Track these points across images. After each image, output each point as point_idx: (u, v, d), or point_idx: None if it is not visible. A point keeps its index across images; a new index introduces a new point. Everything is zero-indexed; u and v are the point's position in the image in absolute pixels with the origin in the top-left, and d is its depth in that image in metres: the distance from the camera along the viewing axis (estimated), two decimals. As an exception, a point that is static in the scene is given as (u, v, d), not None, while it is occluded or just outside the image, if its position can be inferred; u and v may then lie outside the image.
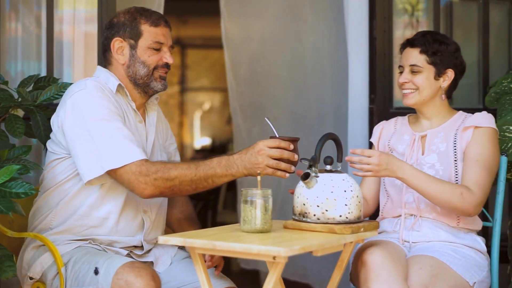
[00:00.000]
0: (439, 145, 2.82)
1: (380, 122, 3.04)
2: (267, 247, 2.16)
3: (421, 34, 2.88)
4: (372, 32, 3.69)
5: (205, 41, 13.21)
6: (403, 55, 2.89)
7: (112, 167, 2.54)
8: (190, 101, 13.49)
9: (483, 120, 2.79)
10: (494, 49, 4.00)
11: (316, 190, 2.44)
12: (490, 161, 2.74)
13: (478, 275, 2.69)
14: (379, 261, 2.53)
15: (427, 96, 2.84)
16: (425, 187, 2.65)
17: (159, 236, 2.35)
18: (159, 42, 2.74)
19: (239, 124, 4.93)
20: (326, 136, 2.52)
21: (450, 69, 2.86)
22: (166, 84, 2.79)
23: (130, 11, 2.78)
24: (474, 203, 2.67)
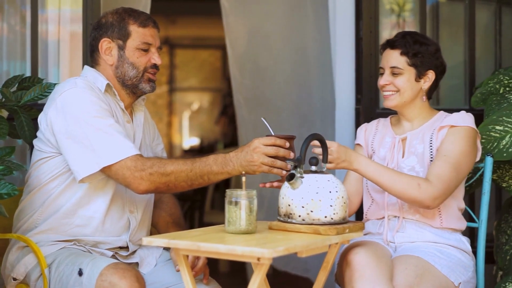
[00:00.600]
0: (417, 147, 2.82)
1: (363, 124, 3.04)
2: (251, 248, 2.15)
3: (401, 35, 2.86)
4: (359, 32, 3.68)
5: (194, 41, 13.20)
6: (384, 57, 2.87)
7: (108, 163, 2.54)
8: (179, 101, 13.48)
9: (460, 120, 2.78)
10: (480, 50, 4.01)
11: (301, 191, 2.44)
12: (459, 158, 2.71)
13: (463, 276, 2.69)
14: (364, 261, 2.53)
15: (408, 98, 2.84)
16: (381, 178, 2.64)
17: (143, 238, 2.34)
18: (148, 43, 2.74)
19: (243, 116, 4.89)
20: (311, 136, 2.52)
21: (431, 71, 2.85)
22: (154, 86, 2.79)
23: (118, 12, 2.77)
24: (432, 195, 2.64)
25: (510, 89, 3.36)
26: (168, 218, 2.91)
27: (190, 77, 13.64)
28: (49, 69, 3.70)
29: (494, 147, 3.06)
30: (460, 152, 2.72)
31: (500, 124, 3.08)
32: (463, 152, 2.73)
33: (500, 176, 3.24)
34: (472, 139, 2.77)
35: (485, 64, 4.00)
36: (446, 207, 2.78)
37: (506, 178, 3.23)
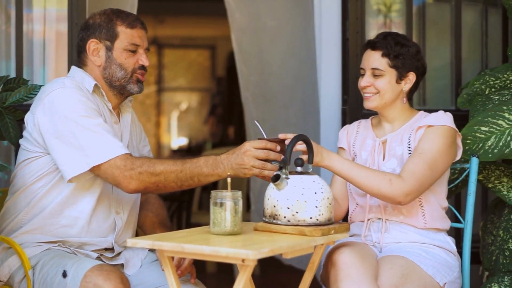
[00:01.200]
0: (396, 149, 2.81)
1: (344, 126, 3.03)
2: (236, 250, 2.15)
3: (382, 36, 2.84)
4: (345, 33, 3.68)
5: (182, 41, 13.19)
6: (365, 58, 2.86)
7: (97, 162, 2.54)
8: (167, 101, 13.46)
9: (437, 119, 2.77)
10: (467, 50, 4.02)
11: (286, 192, 2.43)
12: (434, 156, 2.69)
13: (448, 276, 2.70)
14: (349, 261, 2.53)
15: (389, 99, 2.83)
16: (353, 175, 2.64)
17: (128, 239, 2.33)
18: (135, 44, 2.73)
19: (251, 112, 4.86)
20: (297, 137, 2.51)
21: (412, 72, 2.83)
22: (142, 87, 2.78)
23: (106, 13, 2.76)
24: (404, 190, 2.63)
25: (495, 90, 3.37)
26: (155, 219, 2.90)
27: (179, 77, 13.62)
28: (34, 69, 3.68)
29: (480, 148, 3.07)
30: (436, 150, 2.70)
31: (486, 125, 3.09)
32: (439, 150, 2.71)
33: (486, 176, 3.24)
34: (450, 138, 2.75)
35: (472, 64, 4.02)
36: (429, 206, 2.78)
37: (492, 178, 3.24)
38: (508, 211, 3.25)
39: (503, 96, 3.25)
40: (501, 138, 3.06)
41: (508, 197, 3.19)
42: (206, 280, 5.45)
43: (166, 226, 2.89)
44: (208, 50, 13.50)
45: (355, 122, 3.01)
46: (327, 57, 3.79)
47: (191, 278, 2.71)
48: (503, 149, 3.04)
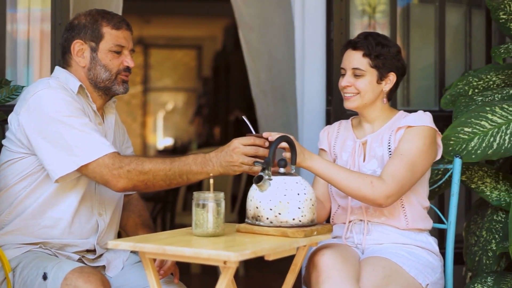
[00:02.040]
0: (377, 150, 2.81)
1: (325, 127, 3.02)
2: (218, 251, 2.14)
3: (363, 35, 2.84)
4: (329, 33, 3.68)
5: (168, 41, 13.17)
6: (345, 58, 2.85)
7: (85, 161, 2.52)
8: (153, 101, 13.43)
9: (417, 120, 2.76)
10: (451, 51, 4.02)
11: (269, 193, 2.42)
12: (414, 157, 2.69)
13: (431, 277, 2.70)
14: (330, 263, 2.52)
15: (369, 100, 2.82)
16: (334, 176, 2.63)
17: (109, 241, 2.32)
18: (121, 45, 2.72)
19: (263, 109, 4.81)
20: (280, 138, 2.50)
21: (392, 73, 2.83)
22: (127, 87, 2.77)
23: (91, 13, 2.74)
24: (385, 193, 2.62)
25: (479, 91, 3.38)
26: (137, 220, 2.89)
27: (165, 77, 13.60)
28: (18, 69, 3.65)
29: (463, 149, 3.07)
30: (416, 151, 2.70)
31: (469, 126, 3.09)
32: (419, 151, 2.71)
33: (469, 177, 3.25)
34: (429, 138, 2.74)
35: (455, 65, 4.02)
36: (411, 207, 2.78)
37: (475, 179, 3.24)
38: (491, 211, 3.26)
39: (486, 97, 3.26)
40: (484, 139, 3.07)
41: (491, 197, 3.20)
42: (190, 281, 5.45)
43: (149, 227, 2.88)
44: (194, 50, 13.48)
45: (335, 123, 3.01)
46: (311, 57, 3.78)
47: (174, 278, 2.70)
48: (486, 150, 3.05)
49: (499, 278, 3.03)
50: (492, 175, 3.25)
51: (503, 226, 3.21)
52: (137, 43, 12.49)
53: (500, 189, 3.21)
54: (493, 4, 3.54)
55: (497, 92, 3.28)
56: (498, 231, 3.22)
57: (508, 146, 3.03)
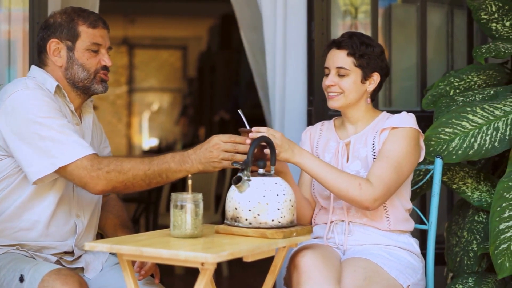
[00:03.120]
0: (360, 151, 2.80)
1: (307, 128, 3.01)
2: (195, 253, 2.12)
3: (347, 35, 2.83)
4: (311, 34, 3.67)
5: (154, 41, 13.14)
6: (329, 57, 2.84)
7: (64, 163, 2.49)
8: (138, 101, 13.40)
9: (401, 121, 2.76)
10: (433, 52, 4.03)
11: (248, 194, 2.41)
12: (399, 159, 2.69)
13: (412, 278, 2.69)
14: (311, 264, 2.51)
15: (353, 99, 2.81)
16: (323, 174, 2.62)
17: (86, 243, 2.29)
18: (97, 43, 2.69)
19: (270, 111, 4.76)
20: (259, 139, 2.49)
21: (376, 73, 2.82)
22: (107, 86, 2.74)
23: (67, 12, 2.71)
24: (373, 196, 2.62)
25: (460, 91, 3.38)
26: (116, 221, 2.86)
27: (150, 78, 13.56)
28: (0, 69, 3.62)
29: (444, 149, 3.07)
30: (401, 153, 2.70)
31: (450, 127, 3.09)
32: (404, 153, 2.70)
33: (450, 178, 3.25)
34: (414, 139, 2.74)
35: (437, 66, 4.03)
36: (393, 209, 2.78)
37: (456, 180, 3.24)
38: (472, 212, 3.26)
39: (467, 98, 3.26)
40: (465, 139, 3.06)
41: (472, 198, 3.20)
42: (173, 282, 5.43)
43: (128, 227, 2.86)
44: (180, 50, 13.46)
45: (317, 124, 2.99)
46: (293, 57, 3.76)
47: (155, 278, 2.67)
48: (467, 151, 3.05)
49: (480, 279, 3.03)
50: (473, 175, 3.25)
51: (484, 227, 3.21)
52: (122, 43, 12.46)
53: (481, 190, 3.21)
54: (475, 4, 3.54)
55: (478, 93, 3.28)
56: (479, 232, 3.22)
57: (489, 146, 3.03)
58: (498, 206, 2.90)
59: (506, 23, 3.49)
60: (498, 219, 2.89)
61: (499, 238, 2.87)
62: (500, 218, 2.89)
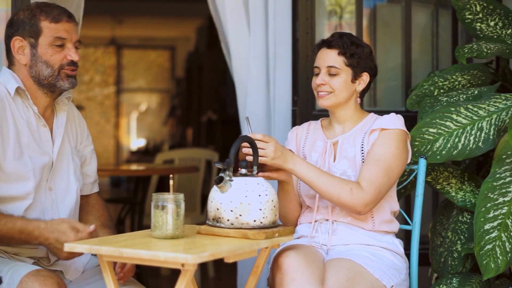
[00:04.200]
0: (348, 151, 2.80)
1: (294, 128, 3.01)
2: (175, 254, 2.10)
3: (338, 35, 2.84)
4: (295, 33, 3.65)
5: (141, 42, 13.11)
6: (319, 56, 2.84)
7: None
8: (126, 102, 13.37)
9: (390, 122, 2.77)
10: (418, 52, 4.02)
11: (230, 194, 2.39)
12: (389, 162, 2.70)
13: (395, 278, 2.68)
14: (294, 265, 2.50)
15: (343, 99, 2.81)
16: (314, 180, 2.62)
17: (65, 244, 2.27)
18: (61, 37, 2.60)
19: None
20: (241, 139, 2.48)
21: (366, 73, 2.83)
22: (74, 82, 2.65)
23: (30, 8, 2.63)
24: (364, 200, 2.63)
25: (444, 91, 3.37)
26: (96, 222, 2.81)
27: (138, 78, 13.54)
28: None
29: (428, 150, 3.06)
30: (391, 156, 2.71)
31: (434, 127, 3.08)
32: (393, 155, 2.71)
33: (435, 178, 3.24)
34: (403, 141, 2.76)
35: (422, 66, 4.02)
36: (379, 210, 2.77)
37: (440, 180, 3.24)
38: (456, 212, 3.26)
39: (451, 98, 3.25)
40: (449, 139, 3.06)
41: (456, 198, 3.19)
42: (160, 283, 5.40)
43: (109, 226, 2.80)
44: (168, 51, 13.44)
45: (304, 124, 2.99)
46: (280, 57, 3.75)
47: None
48: (451, 151, 3.04)
49: (464, 279, 3.02)
50: (458, 176, 3.24)
51: (469, 227, 3.20)
52: (110, 44, 12.43)
53: (465, 190, 3.21)
54: (459, 4, 3.54)
55: (462, 93, 3.27)
56: (463, 232, 3.21)
57: (473, 146, 3.02)
58: (482, 206, 2.89)
59: (490, 23, 3.49)
60: (483, 220, 2.88)
61: (484, 239, 2.86)
62: (485, 219, 2.88)
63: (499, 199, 2.88)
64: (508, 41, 3.46)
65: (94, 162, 2.87)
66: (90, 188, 2.85)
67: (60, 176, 2.68)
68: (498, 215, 2.87)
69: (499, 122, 3.01)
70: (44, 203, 2.62)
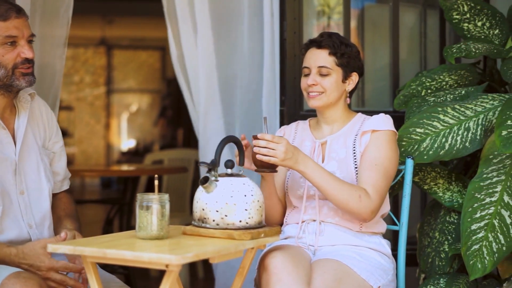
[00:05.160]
0: (338, 152, 2.79)
1: (281, 127, 3.00)
2: (159, 255, 2.09)
3: (327, 35, 2.83)
4: (283, 33, 3.64)
5: (132, 42, 13.07)
6: (309, 57, 2.83)
7: None
8: (117, 102, 13.33)
9: (381, 123, 2.77)
10: (406, 52, 4.02)
11: (215, 194, 2.38)
12: (387, 165, 2.72)
13: (382, 279, 2.68)
14: (280, 265, 2.49)
15: (334, 99, 2.81)
16: (325, 184, 2.62)
17: (48, 245, 2.25)
18: (11, 35, 2.53)
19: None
20: (227, 138, 2.47)
21: (355, 72, 2.84)
22: (32, 79, 2.58)
23: None
24: (371, 208, 2.65)
25: (431, 91, 3.37)
26: (62, 213, 2.74)
27: (129, 78, 13.50)
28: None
29: (415, 150, 3.05)
30: (387, 159, 2.72)
31: (421, 127, 3.08)
32: (389, 158, 2.73)
33: (422, 178, 3.23)
34: (395, 142, 2.78)
35: (411, 66, 4.02)
36: None
37: (428, 180, 3.23)
38: (444, 212, 3.25)
39: (439, 98, 3.25)
40: (436, 139, 3.05)
41: (444, 198, 3.19)
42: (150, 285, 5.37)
43: (73, 216, 2.74)
44: (159, 51, 13.40)
45: (292, 124, 2.98)
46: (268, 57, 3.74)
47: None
48: (438, 151, 3.04)
49: (451, 280, 3.02)
50: (445, 176, 3.24)
51: (456, 228, 3.20)
52: (100, 44, 12.39)
53: (452, 190, 3.21)
54: (447, 4, 3.54)
55: (449, 93, 3.27)
56: (450, 233, 3.21)
57: (460, 147, 3.02)
58: (469, 206, 2.89)
59: (478, 23, 3.49)
60: (470, 220, 2.88)
61: (471, 239, 2.86)
62: (471, 219, 2.88)
63: (486, 199, 2.87)
64: (496, 41, 3.46)
65: (63, 159, 2.82)
66: (60, 186, 2.82)
67: (31, 178, 2.64)
68: (485, 215, 2.87)
69: (486, 122, 3.01)
70: (16, 208, 2.58)
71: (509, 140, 2.72)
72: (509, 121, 2.77)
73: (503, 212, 2.85)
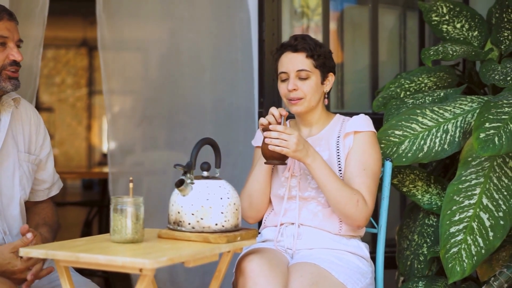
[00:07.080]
0: (321, 154, 2.76)
1: None
2: (132, 259, 2.05)
3: (300, 37, 2.80)
4: (262, 34, 3.62)
5: (114, 43, 13.00)
6: (286, 61, 2.78)
7: None
8: (99, 104, 13.26)
9: (363, 124, 2.76)
10: (386, 54, 4.02)
11: (191, 197, 2.35)
12: (373, 168, 2.72)
13: (361, 282, 2.66)
14: (257, 269, 2.47)
15: (315, 102, 2.79)
16: (327, 182, 2.61)
17: (20, 248, 2.21)
18: (3, 36, 2.52)
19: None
20: (203, 141, 2.44)
21: (331, 73, 2.82)
22: (17, 83, 2.56)
23: None
24: (366, 214, 2.67)
25: (410, 93, 3.36)
26: (41, 221, 2.70)
27: (111, 80, 13.41)
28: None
29: (394, 152, 3.04)
30: (373, 162, 2.73)
31: (399, 129, 3.06)
32: (375, 160, 2.74)
33: (401, 180, 3.22)
34: (377, 143, 2.78)
35: (390, 68, 4.02)
36: None
37: (406, 182, 3.22)
38: (423, 215, 3.24)
39: (417, 100, 3.24)
40: (414, 142, 3.04)
41: (423, 201, 3.18)
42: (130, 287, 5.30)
43: (49, 225, 2.69)
44: (141, 52, 13.33)
45: None
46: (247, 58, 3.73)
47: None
48: (416, 153, 3.02)
49: (430, 283, 3.00)
50: (424, 178, 3.23)
51: (435, 230, 3.19)
52: (82, 45, 12.32)
53: (431, 193, 3.20)
54: (426, 6, 3.53)
55: (428, 95, 3.26)
56: (429, 235, 3.20)
57: (439, 149, 3.01)
58: (448, 209, 2.88)
59: (457, 25, 3.49)
60: (449, 223, 2.87)
61: (450, 242, 2.85)
62: (450, 222, 2.87)
63: (465, 201, 2.87)
64: (474, 43, 3.46)
65: (50, 165, 2.78)
66: (46, 193, 2.79)
67: (4, 184, 2.60)
68: (464, 218, 2.86)
69: (464, 125, 3.00)
70: None
71: (487, 143, 2.71)
72: (487, 124, 2.76)
73: (482, 214, 2.84)
